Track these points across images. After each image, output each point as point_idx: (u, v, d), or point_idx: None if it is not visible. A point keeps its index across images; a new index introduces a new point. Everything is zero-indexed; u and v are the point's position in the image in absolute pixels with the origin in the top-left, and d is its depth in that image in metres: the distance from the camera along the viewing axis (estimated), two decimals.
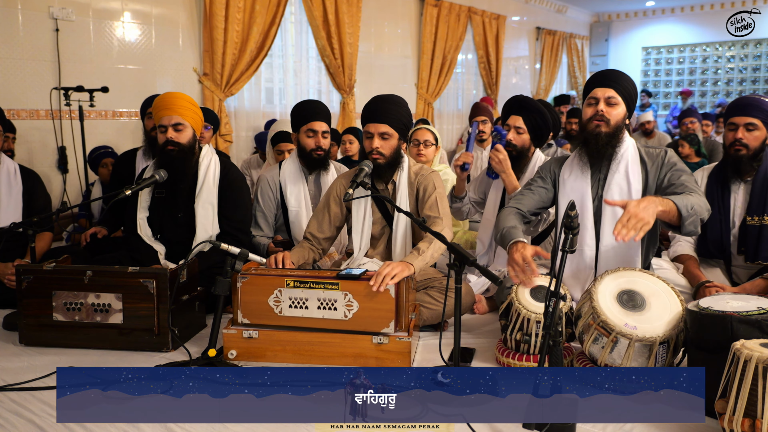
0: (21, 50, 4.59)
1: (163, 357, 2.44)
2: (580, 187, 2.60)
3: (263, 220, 3.36)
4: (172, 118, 2.90)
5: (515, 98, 3.26)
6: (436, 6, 8.06)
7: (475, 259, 2.02)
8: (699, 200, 2.27)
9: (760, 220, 2.73)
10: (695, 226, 2.22)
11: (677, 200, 2.18)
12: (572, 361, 2.29)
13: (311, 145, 3.24)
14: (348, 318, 2.30)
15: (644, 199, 2.11)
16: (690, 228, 2.21)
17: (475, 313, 3.01)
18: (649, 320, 2.08)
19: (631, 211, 2.04)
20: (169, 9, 5.45)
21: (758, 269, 2.75)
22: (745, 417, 1.59)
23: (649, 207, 2.06)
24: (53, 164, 4.90)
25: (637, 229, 2.01)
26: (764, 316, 1.83)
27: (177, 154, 2.92)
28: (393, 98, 2.77)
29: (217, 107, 5.63)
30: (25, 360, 2.41)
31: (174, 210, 3.02)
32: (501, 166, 3.05)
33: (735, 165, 2.79)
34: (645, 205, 2.06)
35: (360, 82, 7.09)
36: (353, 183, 2.43)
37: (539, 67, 10.88)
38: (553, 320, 1.82)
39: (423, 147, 3.79)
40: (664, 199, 2.16)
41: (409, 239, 2.81)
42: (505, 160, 3.04)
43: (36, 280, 2.52)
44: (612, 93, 2.52)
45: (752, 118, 2.74)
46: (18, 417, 1.93)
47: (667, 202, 2.16)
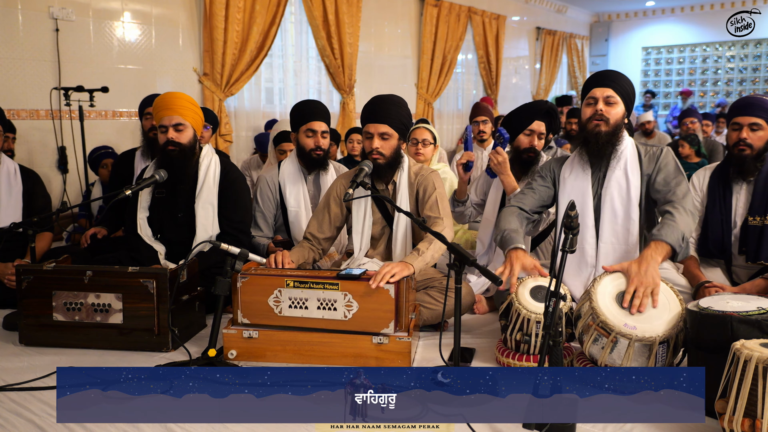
0: (21, 50, 4.59)
1: (163, 357, 2.44)
2: (580, 186, 2.61)
3: (263, 220, 3.35)
4: (173, 119, 2.90)
5: (541, 104, 3.25)
6: (436, 6, 8.06)
7: (475, 259, 2.02)
8: (686, 222, 2.34)
9: (762, 220, 2.72)
10: (687, 252, 2.38)
11: (669, 239, 2.26)
12: (572, 361, 2.29)
13: (310, 145, 3.23)
14: (348, 318, 2.30)
15: (642, 260, 2.19)
16: (683, 256, 2.35)
17: (475, 313, 3.01)
18: (648, 320, 2.08)
19: (635, 282, 2.14)
20: (169, 9, 5.45)
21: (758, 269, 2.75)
22: (745, 417, 1.59)
23: (649, 269, 2.16)
24: (53, 164, 4.90)
25: (649, 294, 2.12)
26: (764, 316, 1.83)
27: (177, 154, 2.92)
28: (393, 98, 2.76)
29: (217, 107, 5.63)
30: (25, 360, 2.41)
31: (174, 210, 3.02)
32: (500, 168, 3.05)
33: (739, 165, 2.79)
34: (645, 267, 2.16)
35: (360, 82, 7.09)
36: (353, 183, 2.43)
37: (539, 67, 10.88)
38: (553, 320, 1.82)
39: (421, 146, 3.79)
40: (658, 246, 2.24)
41: (409, 239, 2.80)
42: (504, 162, 3.03)
43: (36, 280, 2.52)
44: (610, 92, 2.53)
45: (756, 118, 2.74)
46: (18, 417, 1.93)
47: (662, 248, 2.24)
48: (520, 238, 2.41)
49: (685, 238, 2.28)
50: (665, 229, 2.29)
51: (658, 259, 2.20)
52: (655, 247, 2.23)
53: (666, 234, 2.26)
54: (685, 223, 2.33)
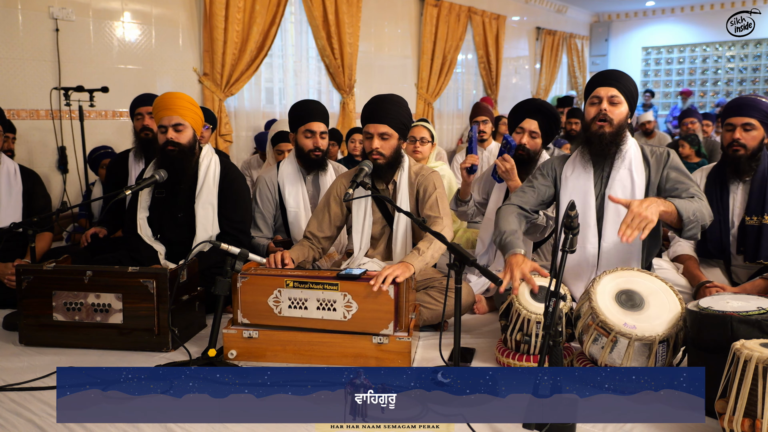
0: (21, 50, 4.59)
1: (163, 357, 2.44)
2: (582, 185, 2.60)
3: (262, 221, 3.35)
4: (172, 119, 2.89)
5: (531, 101, 3.24)
6: (436, 6, 8.06)
7: (475, 259, 2.02)
8: (702, 207, 2.32)
9: (759, 219, 2.72)
10: (696, 231, 2.28)
11: (680, 204, 2.24)
12: (572, 362, 2.29)
13: (309, 145, 3.23)
14: (347, 319, 2.30)
15: (647, 199, 2.17)
16: (690, 233, 2.27)
17: (475, 313, 3.01)
18: (648, 319, 2.08)
19: (634, 211, 2.11)
20: (169, 9, 5.45)
21: (758, 269, 2.75)
22: (745, 417, 1.59)
23: (651, 206, 2.13)
24: (53, 164, 4.90)
25: (641, 228, 2.09)
26: (764, 316, 1.83)
27: (177, 154, 2.92)
28: (392, 98, 2.76)
29: (217, 107, 5.63)
30: (25, 360, 2.41)
31: (174, 210, 3.02)
32: (508, 175, 3.04)
33: (734, 165, 2.79)
34: (647, 204, 2.14)
35: (360, 82, 7.09)
36: (353, 183, 2.43)
37: (539, 67, 10.88)
38: (553, 320, 1.82)
39: (419, 144, 3.79)
40: (666, 201, 2.22)
41: (409, 239, 2.80)
42: (512, 169, 3.03)
43: (36, 280, 2.52)
44: (615, 92, 2.53)
45: (749, 119, 2.74)
46: (18, 417, 1.93)
47: (670, 204, 2.22)
48: (520, 242, 2.40)
49: (695, 213, 2.24)
50: (679, 199, 2.29)
51: (661, 206, 2.17)
52: (664, 200, 2.22)
53: (678, 200, 2.25)
54: (700, 204, 2.31)
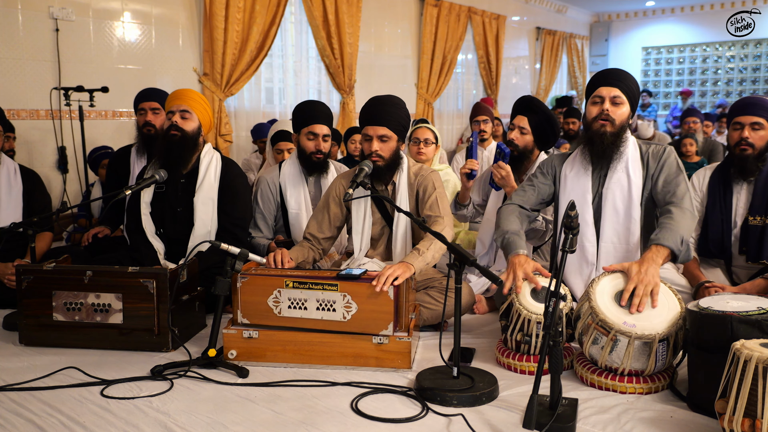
0: (21, 50, 4.59)
1: (163, 357, 2.44)
2: (581, 184, 2.61)
3: (263, 221, 3.35)
4: (181, 106, 2.97)
5: (522, 98, 3.28)
6: (436, 6, 8.06)
7: (475, 260, 2.02)
8: (685, 223, 2.33)
9: (762, 219, 2.72)
10: (690, 252, 2.32)
11: (669, 243, 2.25)
12: (572, 362, 2.29)
13: (311, 148, 3.23)
14: (347, 319, 2.29)
15: (643, 261, 2.19)
16: (683, 259, 2.30)
17: (475, 313, 3.01)
18: (647, 318, 2.08)
19: (635, 281, 2.14)
20: (169, 9, 5.45)
21: (759, 269, 2.75)
22: (745, 417, 1.59)
23: (649, 269, 2.16)
24: (53, 164, 4.90)
25: (648, 293, 2.12)
26: (764, 316, 1.82)
27: (179, 140, 2.93)
28: (391, 100, 2.75)
29: (217, 107, 5.64)
30: (25, 360, 2.41)
31: (174, 204, 3.02)
32: (504, 181, 3.06)
33: (740, 164, 2.78)
34: (645, 267, 2.16)
35: (360, 82, 7.09)
36: (353, 183, 2.43)
37: (539, 67, 10.88)
38: (553, 320, 1.82)
39: (423, 146, 3.79)
40: (659, 249, 2.23)
41: (409, 240, 2.80)
42: (508, 176, 3.04)
43: (36, 280, 2.52)
44: (617, 92, 2.52)
45: (758, 117, 2.74)
46: (18, 417, 1.93)
47: (662, 251, 2.23)
48: (522, 242, 2.41)
49: (684, 240, 2.27)
50: (663, 232, 2.28)
51: (658, 261, 2.20)
52: (656, 250, 2.23)
53: (664, 237, 2.25)
54: (683, 225, 2.32)
